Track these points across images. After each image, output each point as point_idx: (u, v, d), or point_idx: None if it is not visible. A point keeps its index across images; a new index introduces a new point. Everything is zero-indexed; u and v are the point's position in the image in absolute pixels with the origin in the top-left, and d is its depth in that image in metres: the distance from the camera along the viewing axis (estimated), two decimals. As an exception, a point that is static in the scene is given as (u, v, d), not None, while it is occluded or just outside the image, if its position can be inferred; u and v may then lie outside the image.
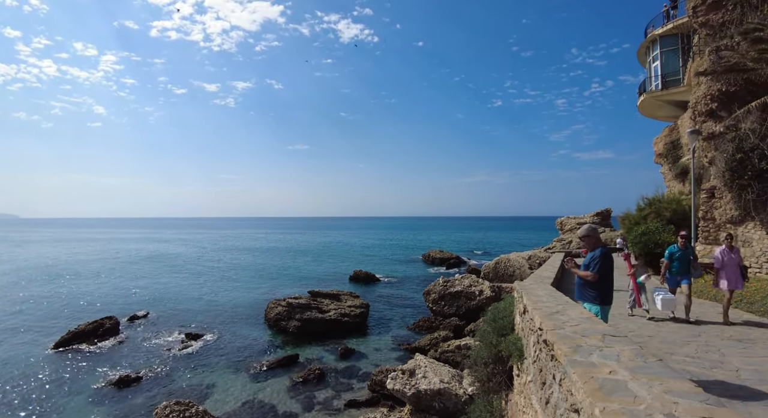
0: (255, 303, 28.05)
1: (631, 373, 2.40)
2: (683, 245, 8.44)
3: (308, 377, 15.27)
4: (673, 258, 8.46)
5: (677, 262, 8.40)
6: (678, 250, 8.45)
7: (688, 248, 8.48)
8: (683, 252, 8.40)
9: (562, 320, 4.08)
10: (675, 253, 8.46)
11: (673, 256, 8.46)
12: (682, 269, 8.37)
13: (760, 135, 11.48)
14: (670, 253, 8.55)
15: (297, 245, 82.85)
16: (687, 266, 8.36)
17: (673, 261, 8.45)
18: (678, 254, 8.42)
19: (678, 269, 8.39)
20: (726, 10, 14.81)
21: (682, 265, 8.36)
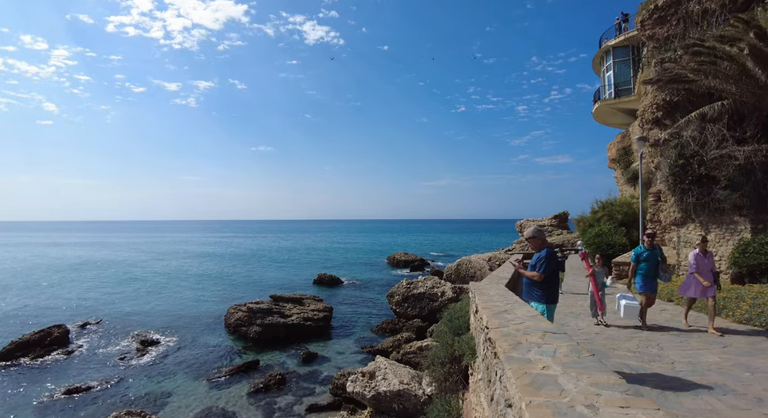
0: (215, 309, 27.29)
1: (563, 368, 2.49)
2: (650, 244, 7.68)
3: (269, 383, 15.01)
4: (639, 260, 7.68)
5: (645, 263, 7.62)
6: (645, 250, 7.67)
7: (655, 248, 7.70)
8: (650, 253, 7.63)
9: (508, 318, 4.19)
10: (642, 254, 7.66)
11: (640, 257, 7.67)
12: (651, 272, 7.61)
13: (699, 142, 12.23)
14: (636, 254, 7.74)
15: (260, 248, 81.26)
16: (655, 268, 7.62)
17: (640, 263, 7.68)
18: (645, 254, 7.63)
19: (646, 271, 7.61)
20: (670, 25, 15.70)
21: (650, 267, 7.59)
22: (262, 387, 14.82)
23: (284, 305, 24.05)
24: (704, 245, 7.49)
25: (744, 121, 12.50)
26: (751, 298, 8.64)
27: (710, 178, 11.83)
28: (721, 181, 11.58)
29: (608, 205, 19.71)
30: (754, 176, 11.29)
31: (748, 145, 11.79)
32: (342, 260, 57.05)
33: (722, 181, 11.57)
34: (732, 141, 12.16)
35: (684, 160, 12.14)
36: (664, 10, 15.87)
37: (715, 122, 12.47)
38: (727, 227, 11.78)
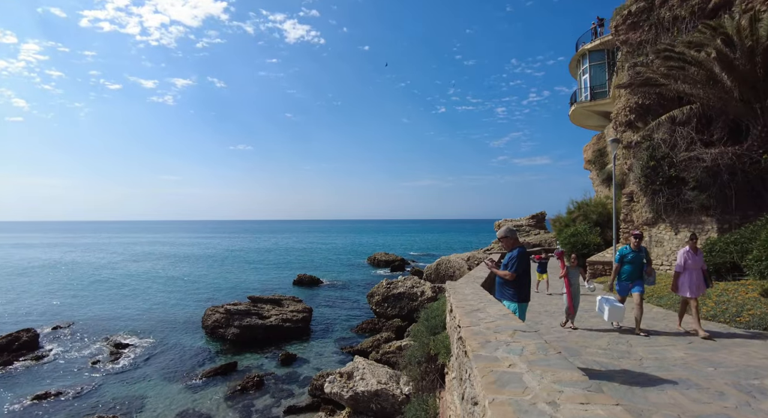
0: (191, 311, 26.81)
1: (529, 366, 2.53)
2: (636, 245, 7.26)
3: (247, 385, 14.84)
4: (624, 261, 7.30)
5: (629, 265, 7.25)
6: (630, 251, 7.27)
7: (641, 250, 7.31)
8: (636, 254, 7.23)
9: (480, 317, 4.23)
10: (627, 255, 7.28)
11: (625, 258, 7.29)
12: (635, 274, 7.23)
13: (669, 145, 12.60)
14: (621, 255, 7.37)
15: (239, 249, 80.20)
16: (640, 271, 7.24)
17: (624, 264, 7.30)
18: (630, 256, 7.24)
19: (630, 273, 7.25)
20: (643, 30, 16.12)
21: (635, 269, 7.22)
22: (239, 389, 14.64)
23: (263, 307, 23.79)
24: (694, 243, 7.15)
25: (711, 124, 12.93)
26: (717, 295, 8.94)
27: (679, 179, 12.20)
28: (690, 183, 11.95)
29: (583, 205, 20.15)
30: (720, 178, 11.68)
31: (715, 148, 12.20)
32: (322, 261, 56.75)
33: (691, 182, 11.94)
34: (700, 144, 12.56)
35: (655, 162, 12.49)
36: (637, 15, 16.29)
37: (684, 125, 12.86)
38: (695, 226, 12.16)
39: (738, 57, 10.94)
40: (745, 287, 9.18)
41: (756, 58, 10.87)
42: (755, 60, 10.90)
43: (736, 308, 7.97)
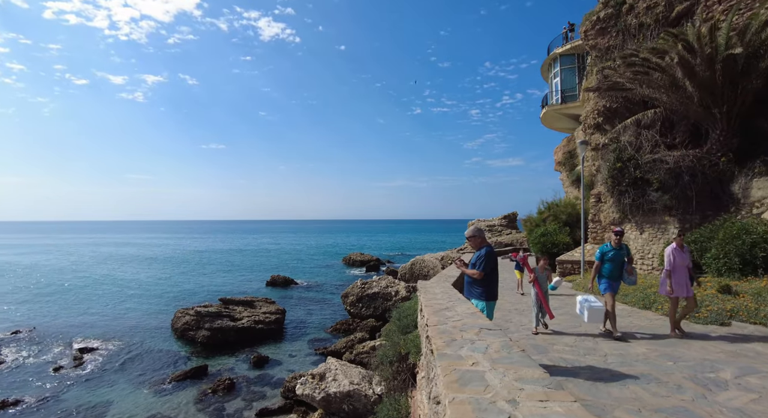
0: (161, 314, 26.08)
1: (492, 364, 2.53)
2: (617, 243, 6.94)
3: (218, 388, 14.54)
4: (604, 259, 6.98)
5: (609, 264, 6.95)
6: (611, 249, 6.96)
7: (622, 248, 6.99)
8: (617, 252, 6.92)
9: (448, 315, 4.24)
10: (607, 253, 6.96)
11: (605, 257, 6.97)
12: (615, 273, 6.97)
13: (635, 147, 13.01)
14: (601, 253, 7.05)
15: (211, 250, 78.56)
16: (620, 269, 6.98)
17: (605, 262, 6.99)
18: (611, 254, 6.93)
19: (610, 272, 6.96)
20: (611, 36, 16.61)
21: (615, 268, 6.93)
22: (210, 393, 14.34)
23: (234, 308, 23.35)
24: (681, 240, 6.93)
25: (674, 128, 13.43)
26: (678, 293, 9.26)
27: (644, 180, 12.62)
28: (654, 184, 12.37)
29: (553, 206, 20.61)
30: (681, 179, 12.14)
31: (677, 151, 12.67)
32: (296, 261, 56.18)
33: (654, 183, 12.36)
34: (663, 146, 13.03)
35: (621, 164, 12.88)
36: (605, 21, 16.77)
37: (649, 128, 13.32)
38: (658, 226, 12.59)
39: (698, 64, 11.39)
40: (704, 284, 9.56)
41: (715, 65, 11.33)
42: (715, 67, 11.37)
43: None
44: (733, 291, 8.78)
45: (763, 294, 8.30)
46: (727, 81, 11.59)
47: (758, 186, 11.52)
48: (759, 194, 11.48)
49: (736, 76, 11.55)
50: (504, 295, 11.91)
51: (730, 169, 12.11)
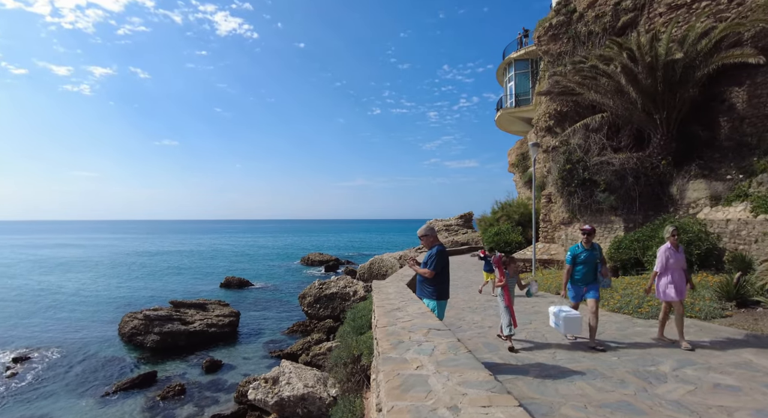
0: (108, 319, 24.60)
1: (437, 366, 2.45)
2: (588, 243, 6.40)
3: (167, 395, 13.86)
4: (577, 261, 6.39)
5: (582, 266, 6.37)
6: (583, 250, 6.38)
7: (595, 249, 6.44)
8: (590, 253, 6.36)
9: (399, 316, 4.16)
10: (580, 254, 6.37)
11: (577, 258, 6.38)
12: (588, 276, 6.40)
13: (584, 149, 13.52)
14: (572, 255, 6.43)
15: (163, 251, 75.21)
16: (594, 272, 6.44)
17: (577, 265, 6.40)
18: (584, 255, 6.34)
19: (583, 275, 6.38)
20: (563, 42, 17.20)
21: (589, 271, 6.37)
22: (158, 400, 13.65)
23: (186, 311, 22.41)
24: (676, 239, 6.30)
25: (620, 131, 14.07)
26: (623, 288, 9.70)
27: (592, 182, 13.14)
28: (601, 185, 12.90)
29: (506, 206, 21.16)
30: (626, 181, 12.73)
31: (623, 153, 13.28)
32: (253, 262, 54.76)
33: (601, 184, 12.89)
34: (610, 149, 13.61)
35: (571, 165, 13.35)
36: (557, 28, 17.35)
37: (597, 132, 13.88)
38: (605, 226, 13.15)
39: (640, 71, 11.97)
40: (645, 281, 10.04)
41: (656, 73, 11.95)
42: (655, 75, 11.99)
43: (638, 300, 8.66)
44: (671, 287, 9.27)
45: (697, 289, 8.81)
46: (667, 88, 12.26)
47: (693, 188, 12.26)
48: (694, 196, 12.22)
49: (674, 85, 12.24)
50: (458, 293, 12.03)
51: (669, 171, 12.82)
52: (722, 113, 12.87)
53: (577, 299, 6.60)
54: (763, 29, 11.61)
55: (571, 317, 6.23)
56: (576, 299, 6.59)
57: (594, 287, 6.41)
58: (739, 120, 12.54)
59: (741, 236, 10.43)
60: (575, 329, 6.28)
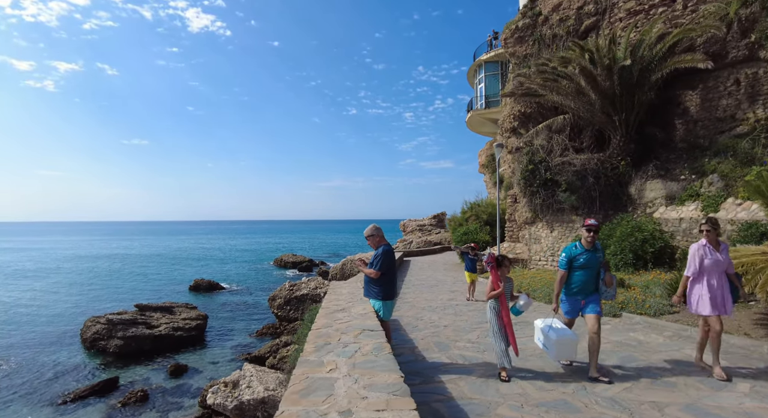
0: (69, 324, 23.62)
1: (351, 369, 2.40)
2: (591, 242, 4.94)
3: (129, 402, 13.38)
4: (574, 265, 4.93)
5: (582, 272, 4.91)
6: (582, 251, 4.93)
7: (598, 250, 5.01)
8: (591, 255, 4.91)
9: (339, 317, 4.11)
10: (578, 256, 4.92)
11: (575, 262, 4.92)
12: (589, 285, 4.94)
13: (547, 150, 13.76)
14: (568, 257, 4.96)
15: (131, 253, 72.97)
16: (596, 280, 4.98)
17: (575, 271, 4.94)
18: (584, 258, 4.89)
19: (582, 284, 4.91)
20: (528, 45, 17.48)
21: (589, 278, 4.92)
22: (119, 407, 13.15)
23: (151, 315, 21.79)
24: (714, 233, 4.78)
25: (582, 133, 14.38)
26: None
27: (554, 182, 13.38)
28: (562, 185, 13.15)
29: (475, 206, 21.40)
30: (587, 181, 13.02)
31: (584, 154, 13.57)
32: (224, 264, 53.71)
33: (563, 184, 13.14)
34: (572, 150, 13.89)
35: (533, 166, 13.56)
36: (524, 31, 17.63)
37: (559, 133, 14.15)
38: (567, 225, 13.41)
39: (599, 73, 12.26)
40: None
41: (614, 75, 12.27)
42: (613, 77, 12.31)
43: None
44: (626, 284, 9.51)
45: (650, 286, 9.07)
46: (625, 91, 12.60)
47: (650, 188, 12.63)
48: (651, 195, 12.59)
49: (632, 87, 12.59)
50: (422, 292, 12.05)
51: (628, 172, 13.17)
52: (677, 116, 13.32)
53: (573, 315, 5.12)
54: (714, 36, 12.05)
55: (564, 339, 4.82)
56: (571, 315, 5.12)
57: (595, 300, 4.92)
58: (692, 123, 12.99)
59: (693, 234, 10.79)
60: (569, 353, 4.93)
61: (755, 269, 6.03)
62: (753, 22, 11.42)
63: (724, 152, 11.56)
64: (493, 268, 4.84)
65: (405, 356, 5.51)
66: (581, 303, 5.02)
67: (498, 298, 4.80)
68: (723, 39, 11.98)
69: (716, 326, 4.61)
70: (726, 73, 12.31)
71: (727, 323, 6.55)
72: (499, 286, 4.77)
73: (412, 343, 6.20)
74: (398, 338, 6.58)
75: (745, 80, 11.90)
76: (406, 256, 24.53)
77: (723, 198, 10.72)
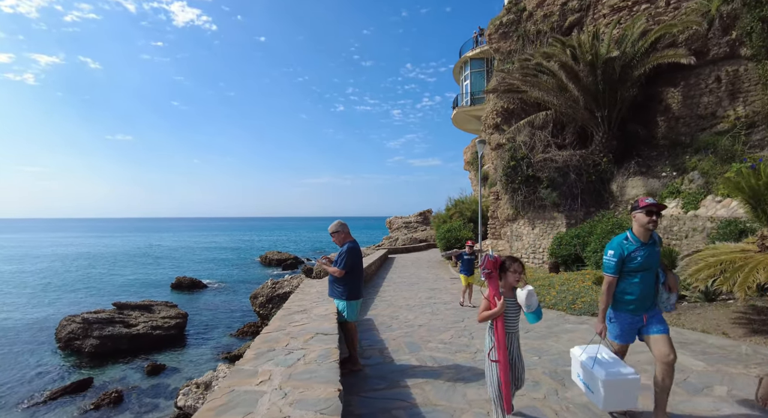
0: (44, 322, 22.93)
1: (285, 380, 2.15)
2: (652, 229, 3.36)
3: (102, 403, 12.94)
4: (627, 266, 3.39)
5: (641, 276, 3.38)
6: (639, 245, 3.37)
7: (656, 243, 3.48)
8: (650, 251, 3.39)
9: (296, 319, 3.85)
10: (634, 254, 3.36)
11: (630, 262, 3.38)
12: (649, 293, 3.46)
13: (529, 147, 13.62)
14: (620, 256, 3.38)
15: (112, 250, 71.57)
16: (656, 285, 3.51)
17: (631, 275, 3.40)
18: (641, 255, 3.35)
19: (642, 291, 3.40)
20: (512, 41, 17.34)
21: (649, 285, 3.44)
22: (93, 408, 12.71)
23: (130, 313, 21.27)
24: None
25: (564, 129, 14.27)
26: (560, 284, 9.75)
27: (535, 178, 13.26)
28: (544, 182, 13.02)
29: (459, 203, 21.27)
30: (569, 178, 12.91)
31: (566, 151, 13.46)
32: (208, 261, 52.96)
33: (544, 181, 13.02)
34: (554, 146, 13.78)
35: (515, 162, 13.42)
36: (508, 26, 17.49)
37: (542, 129, 14.02)
38: (548, 222, 13.30)
39: (582, 69, 12.13)
40: (583, 277, 10.15)
41: (596, 71, 12.15)
42: (596, 72, 12.19)
43: (572, 296, 8.69)
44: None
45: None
46: (608, 87, 12.51)
47: (632, 185, 12.57)
48: (633, 192, 12.53)
49: (614, 83, 12.50)
50: (402, 290, 11.83)
51: (610, 169, 13.11)
52: (659, 113, 13.29)
53: (627, 339, 3.54)
54: (696, 32, 12.01)
55: (620, 379, 3.24)
56: (624, 339, 3.54)
57: (658, 314, 3.48)
58: (674, 120, 12.97)
59: (673, 232, 10.74)
60: (626, 398, 3.35)
61: (734, 267, 5.91)
62: (734, 19, 11.39)
63: (705, 150, 11.54)
64: (491, 276, 3.23)
65: (373, 358, 5.28)
66: (643, 320, 3.44)
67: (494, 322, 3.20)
68: (705, 35, 11.95)
69: None
70: (707, 71, 12.29)
71: (705, 323, 6.50)
72: (497, 301, 3.17)
73: (383, 344, 5.96)
74: (370, 338, 6.34)
75: (726, 77, 11.89)
76: (391, 253, 24.33)
77: (703, 195, 10.69)
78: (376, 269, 15.06)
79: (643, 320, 3.47)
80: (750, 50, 11.21)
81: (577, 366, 3.68)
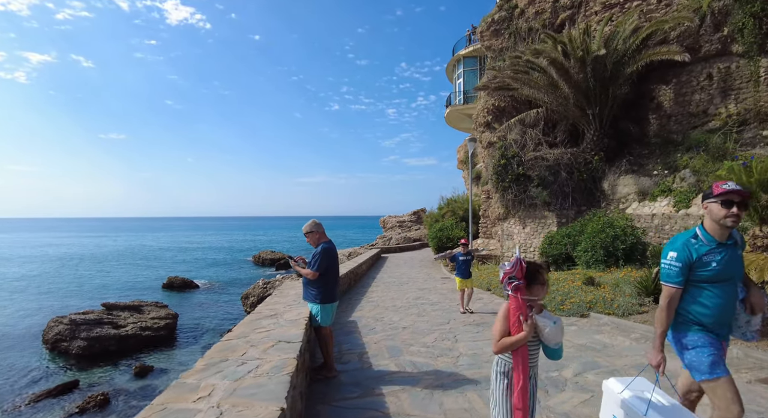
0: (32, 323, 22.60)
1: (226, 397, 1.96)
2: (734, 224, 2.32)
3: (88, 406, 12.67)
4: (697, 274, 2.39)
5: (719, 288, 2.38)
6: (715, 246, 2.37)
7: (738, 244, 2.46)
8: (731, 253, 2.39)
9: (263, 325, 3.67)
10: (706, 257, 2.36)
11: (701, 266, 2.37)
12: (730, 310, 2.45)
13: (520, 145, 13.46)
14: (686, 260, 2.38)
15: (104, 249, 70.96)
16: (735, 302, 2.46)
17: (700, 284, 2.40)
18: (719, 258, 2.35)
19: (720, 308, 2.38)
20: (504, 38, 17.18)
21: (729, 298, 2.42)
22: (77, 411, 12.43)
23: (119, 314, 21.00)
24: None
25: (556, 127, 14.12)
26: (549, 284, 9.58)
27: (526, 177, 13.10)
28: (534, 180, 12.87)
29: (452, 202, 21.13)
30: (560, 176, 12.76)
31: (557, 149, 13.31)
32: (201, 261, 52.58)
33: (535, 180, 12.87)
34: (546, 144, 13.63)
35: (506, 161, 13.26)
36: (499, 23, 17.32)
37: (533, 127, 13.87)
38: (539, 221, 13.15)
39: (572, 66, 11.98)
40: (573, 276, 9.99)
41: (587, 67, 11.99)
42: (587, 70, 12.03)
43: (562, 297, 8.52)
44: (596, 282, 9.24)
45: (620, 285, 8.78)
46: (599, 84, 12.36)
47: (623, 183, 12.44)
48: (624, 191, 12.41)
49: (605, 80, 12.36)
50: (390, 290, 11.63)
51: (601, 167, 12.97)
52: (651, 111, 13.17)
53: (721, 371, 2.36)
54: (687, 28, 11.89)
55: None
56: (722, 373, 2.36)
57: (726, 347, 2.57)
58: (666, 118, 12.85)
59: (665, 230, 10.61)
60: None
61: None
62: (726, 15, 11.28)
63: (697, 147, 11.42)
64: (520, 289, 2.26)
65: (351, 364, 5.08)
66: (723, 348, 2.47)
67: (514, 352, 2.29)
68: (696, 32, 11.83)
69: None
70: (699, 68, 12.18)
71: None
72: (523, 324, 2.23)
73: (363, 347, 5.77)
74: (351, 341, 6.14)
75: (718, 75, 11.77)
76: (384, 252, 24.15)
77: (695, 193, 10.56)
78: (367, 268, 14.86)
79: (723, 348, 2.46)
80: (742, 47, 11.11)
81: (614, 405, 2.58)
